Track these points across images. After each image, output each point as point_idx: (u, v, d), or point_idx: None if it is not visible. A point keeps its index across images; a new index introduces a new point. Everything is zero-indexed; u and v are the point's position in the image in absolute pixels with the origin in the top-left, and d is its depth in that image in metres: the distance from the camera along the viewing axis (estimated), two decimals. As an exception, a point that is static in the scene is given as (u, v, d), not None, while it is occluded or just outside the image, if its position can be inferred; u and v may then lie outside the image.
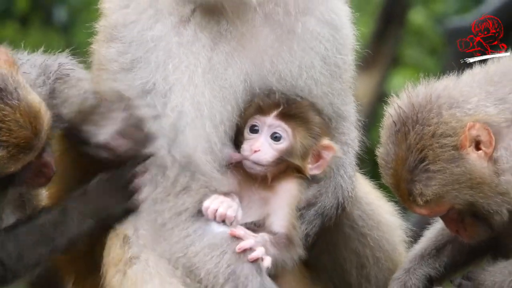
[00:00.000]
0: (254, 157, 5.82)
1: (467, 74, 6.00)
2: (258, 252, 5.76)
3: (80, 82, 6.15)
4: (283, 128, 5.87)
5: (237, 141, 5.98)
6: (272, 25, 5.84)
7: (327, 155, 5.98)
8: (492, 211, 5.78)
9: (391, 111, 5.91)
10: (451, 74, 6.04)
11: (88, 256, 6.10)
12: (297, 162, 5.92)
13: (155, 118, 5.84)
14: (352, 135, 6.33)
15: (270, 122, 5.87)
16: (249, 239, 5.77)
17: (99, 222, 6.05)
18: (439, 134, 5.71)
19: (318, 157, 5.98)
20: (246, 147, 5.88)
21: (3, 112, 5.69)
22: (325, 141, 5.97)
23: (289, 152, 5.87)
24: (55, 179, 6.28)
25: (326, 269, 6.29)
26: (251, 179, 5.95)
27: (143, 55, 5.76)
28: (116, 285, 5.79)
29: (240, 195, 5.97)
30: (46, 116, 5.87)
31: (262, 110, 5.89)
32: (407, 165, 5.78)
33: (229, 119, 5.93)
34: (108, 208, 6.03)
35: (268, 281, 5.78)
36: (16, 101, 5.75)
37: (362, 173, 6.66)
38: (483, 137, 5.67)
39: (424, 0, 22.79)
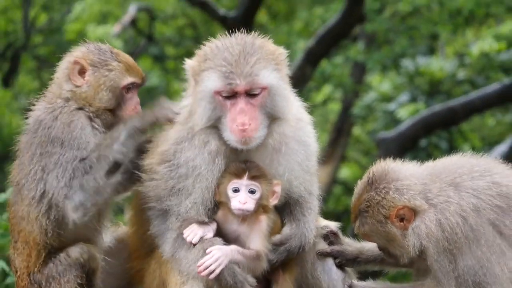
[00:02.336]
0: (244, 207, 5.70)
1: (423, 166, 5.90)
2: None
3: None
4: (254, 185, 5.73)
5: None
6: (270, 150, 5.85)
7: (278, 189, 5.84)
8: (397, 255, 5.81)
9: (371, 170, 5.86)
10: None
11: (157, 279, 5.98)
12: (265, 202, 5.79)
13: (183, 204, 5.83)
14: (314, 203, 6.12)
15: (246, 183, 5.72)
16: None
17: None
18: (381, 205, 5.70)
19: (273, 193, 5.84)
20: (235, 203, 5.71)
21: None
22: (275, 182, 5.84)
23: (261, 198, 5.75)
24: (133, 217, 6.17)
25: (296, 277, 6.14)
26: (237, 219, 5.81)
27: (185, 173, 5.76)
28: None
29: (228, 228, 5.85)
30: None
31: (238, 176, 5.73)
32: (358, 207, 5.80)
33: None
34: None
35: (249, 277, 5.75)
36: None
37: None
38: (407, 216, 5.66)
39: (361, 121, 22.72)
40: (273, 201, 5.89)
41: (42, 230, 5.83)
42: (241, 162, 5.81)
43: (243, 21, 18.67)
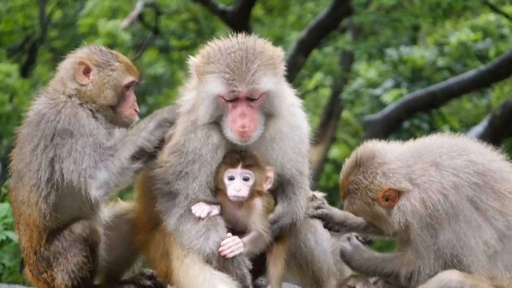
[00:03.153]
0: (239, 194, 5.73)
1: (406, 146, 5.87)
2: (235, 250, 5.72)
3: None
4: (248, 173, 5.73)
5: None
6: (266, 141, 5.84)
7: (271, 175, 5.84)
8: (383, 230, 5.84)
9: (359, 151, 5.82)
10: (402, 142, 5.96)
11: (161, 249, 5.98)
12: (258, 188, 5.79)
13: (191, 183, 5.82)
14: (305, 183, 6.09)
15: (240, 171, 5.73)
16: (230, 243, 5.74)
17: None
18: (369, 189, 5.68)
19: (266, 178, 5.83)
20: (231, 190, 5.73)
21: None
22: (267, 168, 5.84)
23: (254, 184, 5.75)
24: (138, 198, 6.18)
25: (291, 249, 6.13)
26: (234, 206, 5.84)
27: (192, 159, 5.75)
28: (177, 267, 5.77)
29: (228, 212, 5.85)
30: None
31: (232, 165, 5.74)
32: (347, 187, 5.79)
33: None
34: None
35: (246, 259, 5.79)
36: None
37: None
38: (392, 197, 5.65)
39: (350, 105, 22.69)
40: (267, 186, 5.89)
41: (41, 214, 5.83)
42: (236, 152, 5.80)
43: (240, 15, 18.62)
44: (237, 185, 5.76)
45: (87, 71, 5.97)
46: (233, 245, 5.72)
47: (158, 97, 22.95)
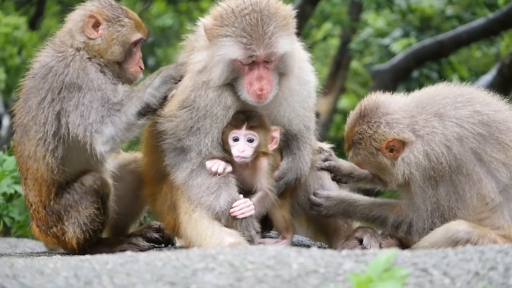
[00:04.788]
0: (242, 155, 5.72)
1: (410, 97, 5.83)
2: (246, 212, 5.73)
3: None
4: (252, 134, 5.73)
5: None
6: (278, 97, 5.81)
7: (276, 135, 5.84)
8: (386, 181, 5.80)
9: (362, 103, 5.80)
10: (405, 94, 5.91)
11: (168, 202, 6.01)
12: (263, 149, 5.79)
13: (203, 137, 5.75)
14: (310, 137, 6.10)
15: (244, 133, 5.73)
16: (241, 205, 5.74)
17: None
18: (373, 138, 5.66)
19: (272, 139, 5.83)
20: (235, 151, 5.73)
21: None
22: (273, 128, 5.83)
23: (258, 146, 5.75)
24: (144, 153, 6.17)
25: (298, 202, 6.18)
26: (240, 166, 5.83)
27: (203, 114, 5.71)
28: (185, 221, 5.79)
29: (235, 172, 5.83)
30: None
31: (237, 126, 5.74)
32: (351, 138, 5.77)
33: None
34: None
35: (255, 222, 5.79)
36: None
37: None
38: (396, 147, 5.63)
39: (359, 55, 22.58)
40: (272, 147, 5.88)
41: (48, 168, 5.85)
42: (241, 112, 5.78)
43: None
44: (240, 146, 5.74)
45: (96, 25, 5.94)
46: (244, 207, 5.74)
47: (166, 48, 22.90)
